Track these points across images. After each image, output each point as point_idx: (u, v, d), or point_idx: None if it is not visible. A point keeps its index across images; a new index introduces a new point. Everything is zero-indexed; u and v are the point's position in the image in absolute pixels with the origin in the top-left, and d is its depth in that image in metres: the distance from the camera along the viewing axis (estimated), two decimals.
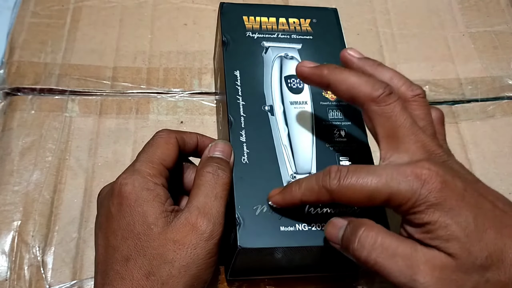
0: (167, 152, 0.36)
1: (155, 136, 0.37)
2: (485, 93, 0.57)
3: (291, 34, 0.45)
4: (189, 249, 0.32)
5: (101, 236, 0.35)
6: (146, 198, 0.33)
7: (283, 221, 0.35)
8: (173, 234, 0.32)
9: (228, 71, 0.42)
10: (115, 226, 0.33)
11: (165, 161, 0.36)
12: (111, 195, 0.35)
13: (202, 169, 0.35)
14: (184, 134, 0.39)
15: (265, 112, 0.40)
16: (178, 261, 0.32)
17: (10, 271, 0.42)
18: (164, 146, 0.37)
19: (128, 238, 0.33)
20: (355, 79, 0.33)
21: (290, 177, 0.38)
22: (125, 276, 0.32)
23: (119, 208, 0.34)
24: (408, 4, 0.64)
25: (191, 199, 0.34)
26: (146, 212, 0.33)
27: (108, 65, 0.54)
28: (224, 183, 0.35)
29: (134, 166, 0.35)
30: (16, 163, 0.47)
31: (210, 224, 0.33)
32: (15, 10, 0.57)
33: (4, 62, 0.53)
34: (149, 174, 0.35)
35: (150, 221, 0.33)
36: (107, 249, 0.34)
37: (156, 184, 0.34)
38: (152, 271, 0.31)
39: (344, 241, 0.32)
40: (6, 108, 0.50)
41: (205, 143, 0.39)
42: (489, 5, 0.65)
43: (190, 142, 0.39)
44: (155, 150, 0.36)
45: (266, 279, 0.43)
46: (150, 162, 0.35)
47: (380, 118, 0.32)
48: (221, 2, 0.46)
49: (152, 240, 0.32)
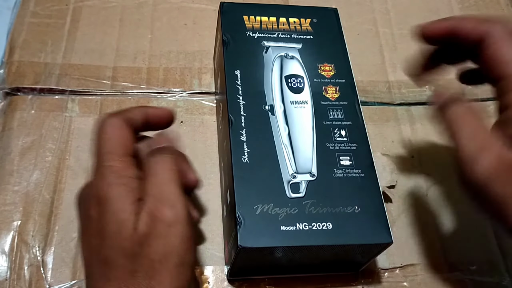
0: (125, 139, 0.35)
1: (102, 126, 0.35)
2: (485, 93, 0.57)
3: (291, 33, 0.45)
4: (162, 240, 0.31)
5: (84, 240, 0.34)
6: (120, 194, 0.32)
7: (283, 221, 0.36)
8: (142, 229, 0.31)
9: (229, 70, 0.42)
10: (95, 228, 0.33)
11: (128, 149, 0.35)
12: (88, 197, 0.34)
13: (149, 159, 0.34)
14: (128, 112, 0.37)
15: (266, 112, 0.40)
16: (155, 254, 0.31)
17: (10, 271, 0.42)
18: (119, 134, 0.35)
19: (106, 238, 0.32)
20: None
21: (291, 177, 0.38)
22: (110, 278, 0.31)
23: (97, 209, 0.33)
24: (408, 4, 0.64)
25: (145, 190, 0.33)
26: (118, 210, 0.32)
27: (108, 65, 0.54)
28: (169, 166, 0.34)
29: (102, 164, 0.34)
30: (16, 163, 0.47)
31: (170, 209, 0.32)
32: (15, 10, 0.57)
33: (4, 62, 0.53)
34: (120, 169, 0.33)
35: (123, 218, 0.32)
36: (91, 252, 0.33)
37: (130, 177, 0.33)
38: (135, 269, 0.31)
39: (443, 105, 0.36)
40: (6, 108, 0.50)
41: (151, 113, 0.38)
42: (489, 5, 0.65)
43: (137, 119, 0.37)
44: (113, 141, 0.34)
45: (266, 279, 0.43)
46: (117, 156, 0.34)
47: None
48: (222, 2, 0.46)
49: (126, 238, 0.31)
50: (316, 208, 0.36)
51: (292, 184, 0.37)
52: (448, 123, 0.35)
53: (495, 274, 0.46)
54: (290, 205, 0.36)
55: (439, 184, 0.50)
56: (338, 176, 0.38)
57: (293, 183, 0.37)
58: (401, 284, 0.44)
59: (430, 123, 0.54)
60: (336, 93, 0.42)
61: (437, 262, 0.46)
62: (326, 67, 0.44)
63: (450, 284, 0.45)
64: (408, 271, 0.45)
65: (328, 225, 0.36)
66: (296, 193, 0.37)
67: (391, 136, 0.53)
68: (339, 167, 0.39)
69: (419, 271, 0.45)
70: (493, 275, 0.46)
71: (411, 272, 0.45)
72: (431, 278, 0.45)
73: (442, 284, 0.45)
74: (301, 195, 0.37)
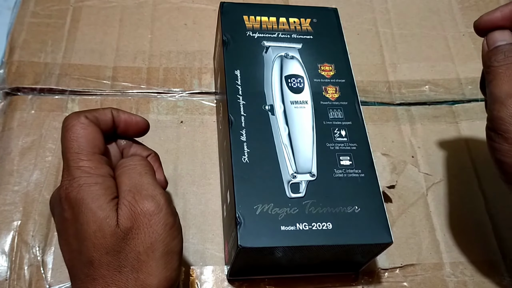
0: (91, 137, 0.33)
1: (67, 126, 0.34)
2: None
3: (291, 33, 0.45)
4: (145, 230, 0.31)
5: (63, 242, 0.33)
6: (94, 194, 0.32)
7: (283, 221, 0.35)
8: (124, 223, 0.31)
9: (229, 70, 0.42)
10: (73, 230, 0.32)
11: (96, 147, 0.33)
12: (60, 201, 0.33)
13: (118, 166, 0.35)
14: (95, 112, 0.36)
15: (266, 112, 0.40)
16: (141, 246, 0.31)
17: (10, 271, 0.42)
18: (85, 133, 0.33)
19: (86, 239, 0.31)
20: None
21: (291, 177, 0.38)
22: (96, 277, 0.31)
23: (71, 211, 0.32)
24: (408, 4, 0.64)
25: (119, 188, 0.33)
26: (96, 209, 0.31)
27: (108, 65, 0.54)
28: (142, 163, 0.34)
29: (70, 165, 0.33)
30: (16, 163, 0.47)
31: (149, 199, 0.32)
32: (15, 10, 0.57)
33: (4, 62, 0.53)
34: (90, 169, 0.32)
35: (102, 216, 0.31)
36: (72, 254, 0.32)
37: (102, 176, 0.33)
38: (121, 264, 0.31)
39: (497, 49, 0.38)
40: (6, 108, 0.50)
41: (121, 118, 0.37)
42: (489, 5, 0.65)
43: (105, 119, 0.36)
44: (79, 141, 0.33)
45: (266, 279, 0.43)
46: (84, 156, 0.33)
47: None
48: (222, 2, 0.46)
49: (109, 235, 0.31)
50: (316, 208, 0.36)
51: (292, 184, 0.37)
52: (491, 69, 0.37)
53: (495, 274, 0.46)
54: (290, 205, 0.36)
55: (439, 184, 0.50)
56: (338, 176, 0.38)
57: (293, 183, 0.37)
58: (401, 284, 0.44)
59: (430, 123, 0.54)
60: (336, 93, 0.42)
61: (437, 262, 0.46)
62: (326, 67, 0.44)
63: (450, 284, 0.45)
64: (408, 271, 0.45)
65: (328, 225, 0.36)
66: (296, 193, 0.37)
67: (391, 136, 0.53)
68: (339, 167, 0.39)
69: (419, 271, 0.45)
70: (493, 275, 0.46)
71: (411, 272, 0.45)
72: (431, 278, 0.45)
73: (442, 284, 0.45)
74: (301, 195, 0.37)
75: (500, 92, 0.36)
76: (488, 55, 0.38)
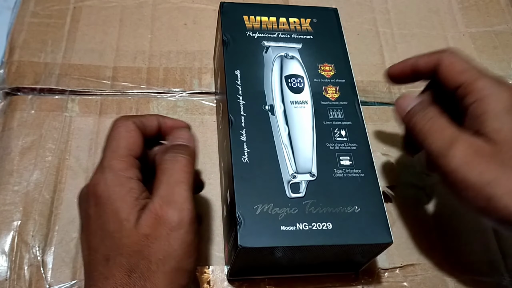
0: (131, 141, 0.35)
1: (114, 127, 0.36)
2: None
3: (291, 33, 0.45)
4: (161, 241, 0.31)
5: (83, 238, 0.34)
6: (118, 194, 0.32)
7: (283, 221, 0.35)
8: (143, 229, 0.31)
9: (229, 70, 0.42)
10: (94, 227, 0.33)
11: (132, 150, 0.35)
12: (87, 196, 0.34)
13: (161, 157, 0.34)
14: (143, 117, 0.37)
15: (266, 112, 0.40)
16: (154, 256, 0.31)
17: (10, 271, 0.42)
18: (127, 135, 0.35)
19: (105, 237, 0.32)
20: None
21: (291, 177, 0.38)
22: (108, 276, 0.31)
23: (95, 208, 0.33)
24: (408, 4, 0.64)
25: (154, 190, 0.33)
26: (118, 209, 0.32)
27: (108, 65, 0.54)
28: (184, 167, 0.34)
29: (103, 163, 0.34)
30: (16, 163, 0.47)
31: (176, 212, 0.32)
32: (15, 10, 0.57)
33: (4, 62, 0.53)
34: (120, 169, 0.33)
35: (123, 217, 0.32)
36: (90, 251, 0.33)
37: (129, 178, 0.33)
38: (132, 269, 0.31)
39: (410, 113, 0.39)
40: (6, 108, 0.50)
41: (167, 124, 0.38)
42: (489, 5, 0.65)
43: (151, 125, 0.37)
44: (118, 142, 0.35)
45: (266, 279, 0.43)
46: (118, 156, 0.34)
47: None
48: (222, 2, 0.46)
49: (125, 237, 0.31)
50: (316, 208, 0.36)
51: (292, 184, 0.37)
52: (417, 130, 0.38)
53: (495, 274, 0.46)
54: (290, 205, 0.36)
55: (439, 184, 0.50)
56: (338, 176, 0.38)
57: (293, 183, 0.37)
58: (401, 284, 0.44)
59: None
60: (336, 93, 0.42)
61: (437, 262, 0.46)
62: (326, 67, 0.44)
63: (450, 284, 0.45)
64: (408, 271, 0.45)
65: (328, 225, 0.36)
66: (296, 193, 0.37)
67: (391, 136, 0.53)
68: (339, 167, 0.39)
69: (419, 271, 0.45)
70: (493, 275, 0.46)
71: (411, 272, 0.45)
72: (431, 278, 0.45)
73: (442, 284, 0.45)
74: (301, 195, 0.37)
75: (437, 147, 0.36)
76: (407, 121, 0.40)
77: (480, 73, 0.38)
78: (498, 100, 0.36)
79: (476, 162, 0.34)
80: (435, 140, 0.36)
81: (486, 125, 0.35)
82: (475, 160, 0.34)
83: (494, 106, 0.36)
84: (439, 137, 0.36)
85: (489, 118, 0.35)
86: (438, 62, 0.40)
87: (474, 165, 0.34)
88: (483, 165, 0.34)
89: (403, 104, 0.40)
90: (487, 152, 0.34)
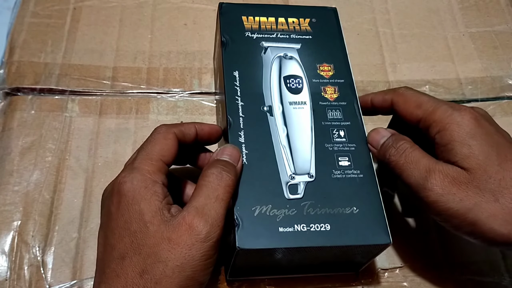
0: (165, 148, 0.36)
1: (153, 132, 0.38)
2: (485, 93, 0.57)
3: (290, 34, 0.45)
4: (183, 249, 0.32)
5: (101, 234, 0.35)
6: (143, 195, 0.33)
7: (281, 222, 0.35)
8: (168, 233, 0.32)
9: (227, 71, 0.42)
10: (114, 225, 0.33)
11: (164, 157, 0.36)
12: (111, 194, 0.35)
13: (207, 170, 0.35)
14: (182, 126, 0.39)
15: (264, 113, 0.40)
16: (172, 261, 0.31)
17: (10, 271, 0.42)
18: (163, 142, 0.36)
19: (125, 236, 0.33)
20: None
21: (289, 178, 0.38)
22: (120, 274, 0.32)
23: (118, 206, 0.34)
24: (408, 4, 0.64)
25: (191, 199, 0.34)
26: (142, 210, 0.33)
27: (108, 65, 0.54)
28: (227, 185, 0.34)
29: (133, 163, 0.35)
30: (16, 163, 0.47)
31: (207, 225, 0.32)
32: (15, 10, 0.57)
33: (4, 62, 0.53)
34: (148, 172, 0.34)
35: (147, 219, 0.33)
36: (106, 247, 0.34)
37: (154, 181, 0.34)
38: (146, 270, 0.31)
39: (384, 147, 0.39)
40: (6, 108, 0.51)
41: (204, 130, 0.40)
42: (489, 5, 0.65)
43: (189, 133, 0.39)
44: (153, 146, 0.36)
45: (266, 279, 0.43)
46: (149, 159, 0.35)
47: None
48: (220, 2, 0.46)
49: (147, 238, 0.32)
50: (314, 209, 0.36)
51: (291, 185, 0.37)
52: (393, 165, 0.38)
53: (495, 274, 0.46)
54: (289, 206, 0.36)
55: None
56: (337, 177, 0.38)
57: (292, 184, 0.37)
58: (401, 284, 0.44)
59: None
60: (335, 94, 0.42)
61: (437, 262, 0.46)
62: (325, 67, 0.44)
63: (450, 284, 0.45)
64: (408, 271, 0.45)
65: (327, 226, 0.36)
66: (294, 194, 0.37)
67: None
68: (337, 168, 0.39)
69: (419, 271, 0.45)
70: (493, 275, 0.46)
71: (411, 272, 0.45)
72: (431, 278, 0.45)
73: (442, 284, 0.45)
74: (299, 196, 0.37)
75: (415, 180, 0.36)
76: (381, 156, 0.39)
77: (435, 104, 0.38)
78: (460, 127, 0.36)
79: (455, 190, 0.35)
80: (412, 173, 0.36)
81: (455, 153, 0.36)
82: (453, 189, 0.35)
83: (457, 134, 0.36)
84: (415, 170, 0.36)
85: (455, 146, 0.36)
86: (393, 101, 0.41)
87: (453, 194, 0.35)
88: (462, 193, 0.34)
89: (375, 138, 0.40)
90: (462, 179, 0.35)
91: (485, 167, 0.35)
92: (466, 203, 0.34)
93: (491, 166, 0.35)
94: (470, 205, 0.34)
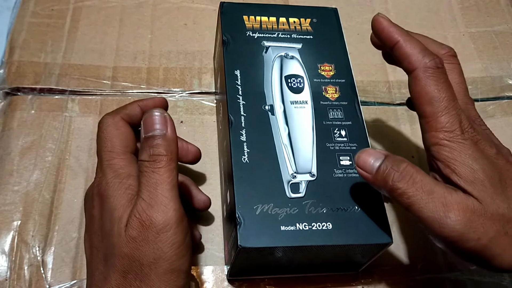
0: (123, 138, 0.35)
1: (102, 126, 0.36)
2: (485, 93, 0.57)
3: (291, 33, 0.45)
4: (149, 245, 0.30)
5: (87, 238, 0.34)
6: (117, 192, 0.32)
7: (283, 221, 0.35)
8: (131, 232, 0.31)
9: (228, 70, 0.42)
10: (96, 227, 0.33)
11: (127, 147, 0.35)
12: (91, 198, 0.34)
13: (139, 158, 0.33)
14: (125, 109, 0.37)
15: (266, 112, 0.40)
16: (144, 259, 0.30)
17: (10, 271, 0.42)
18: (118, 133, 0.35)
19: (104, 237, 0.32)
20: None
21: (291, 177, 0.38)
22: (106, 276, 0.31)
23: (98, 208, 0.33)
24: (408, 4, 0.64)
25: (138, 192, 0.32)
26: (113, 208, 0.32)
27: (108, 65, 0.54)
28: (163, 167, 0.32)
29: (102, 164, 0.34)
30: (16, 163, 0.47)
31: (160, 214, 0.31)
32: (15, 10, 0.57)
33: (4, 62, 0.53)
34: (119, 167, 0.34)
35: (116, 217, 0.31)
36: (92, 250, 0.33)
37: (128, 175, 0.33)
38: (126, 270, 0.31)
39: (382, 172, 0.33)
40: (6, 108, 0.50)
41: (149, 106, 0.39)
42: (489, 5, 0.65)
43: (135, 113, 0.38)
44: (112, 141, 0.35)
45: (266, 279, 0.43)
46: (116, 155, 0.34)
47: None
48: (221, 2, 0.46)
49: (117, 237, 0.31)
50: (316, 208, 0.36)
51: (292, 184, 0.37)
52: (398, 194, 0.33)
53: (495, 274, 0.46)
54: (290, 205, 0.36)
55: None
56: (338, 176, 0.38)
57: (293, 183, 0.37)
58: (401, 284, 0.44)
59: None
60: (336, 93, 0.42)
61: (437, 262, 0.46)
62: (326, 67, 0.44)
63: (449, 284, 0.45)
64: (408, 271, 0.45)
65: (328, 225, 0.36)
66: (296, 193, 0.37)
67: (391, 136, 0.53)
68: (339, 167, 0.39)
69: (419, 271, 0.45)
70: (493, 275, 0.46)
71: (411, 272, 0.45)
72: (431, 278, 0.45)
73: (442, 284, 0.45)
74: (301, 195, 0.37)
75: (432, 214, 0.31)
76: (380, 182, 0.33)
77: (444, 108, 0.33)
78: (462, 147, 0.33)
79: (474, 227, 0.31)
80: (426, 206, 0.32)
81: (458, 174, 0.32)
82: (472, 225, 0.31)
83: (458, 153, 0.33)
84: (429, 203, 0.31)
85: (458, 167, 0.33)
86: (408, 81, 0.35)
87: (473, 232, 0.31)
88: (480, 229, 0.31)
89: (367, 161, 0.34)
90: (478, 212, 0.31)
91: (491, 195, 0.32)
92: (483, 240, 0.31)
93: (497, 194, 0.32)
94: (486, 241, 0.31)
